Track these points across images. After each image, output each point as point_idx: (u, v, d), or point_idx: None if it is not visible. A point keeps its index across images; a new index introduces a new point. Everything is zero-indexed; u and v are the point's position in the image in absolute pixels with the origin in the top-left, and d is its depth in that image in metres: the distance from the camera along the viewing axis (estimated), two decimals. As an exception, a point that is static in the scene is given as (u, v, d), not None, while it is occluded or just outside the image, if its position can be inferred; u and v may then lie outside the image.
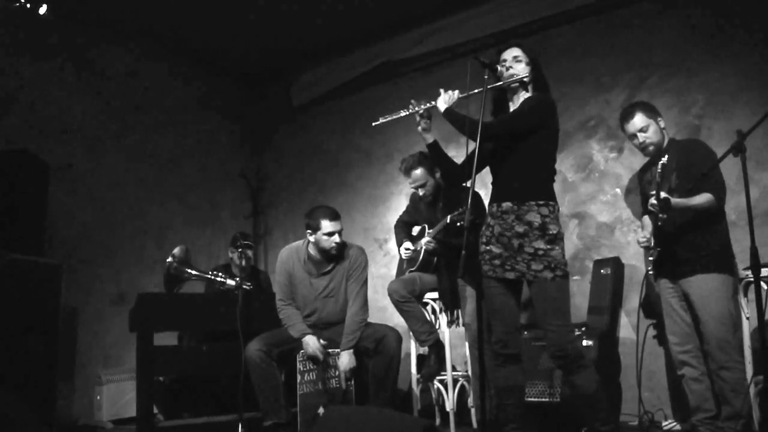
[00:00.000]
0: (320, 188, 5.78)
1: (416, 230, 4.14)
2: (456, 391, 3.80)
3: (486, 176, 2.88)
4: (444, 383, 3.82)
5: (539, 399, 3.61)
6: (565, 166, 4.43)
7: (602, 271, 4.00)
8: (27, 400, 3.39)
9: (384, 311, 4.55)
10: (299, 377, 3.51)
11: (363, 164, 5.60)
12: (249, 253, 4.67)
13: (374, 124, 2.92)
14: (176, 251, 4.06)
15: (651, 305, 3.50)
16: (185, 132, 5.67)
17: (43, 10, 4.27)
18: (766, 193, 3.70)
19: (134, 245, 5.16)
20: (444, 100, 2.70)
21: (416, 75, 5.29)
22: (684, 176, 3.03)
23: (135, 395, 3.86)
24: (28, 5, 4.21)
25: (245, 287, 3.89)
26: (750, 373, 3.02)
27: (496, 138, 2.71)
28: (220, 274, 4.33)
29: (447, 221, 3.66)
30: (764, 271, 2.87)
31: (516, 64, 2.73)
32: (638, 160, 3.56)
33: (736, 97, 3.84)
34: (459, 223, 3.51)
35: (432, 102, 2.73)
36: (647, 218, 3.30)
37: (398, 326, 3.85)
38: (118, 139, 5.16)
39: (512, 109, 2.77)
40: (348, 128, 5.67)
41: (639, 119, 3.22)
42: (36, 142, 4.46)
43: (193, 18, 5.02)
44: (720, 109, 3.90)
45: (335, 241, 3.63)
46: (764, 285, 2.91)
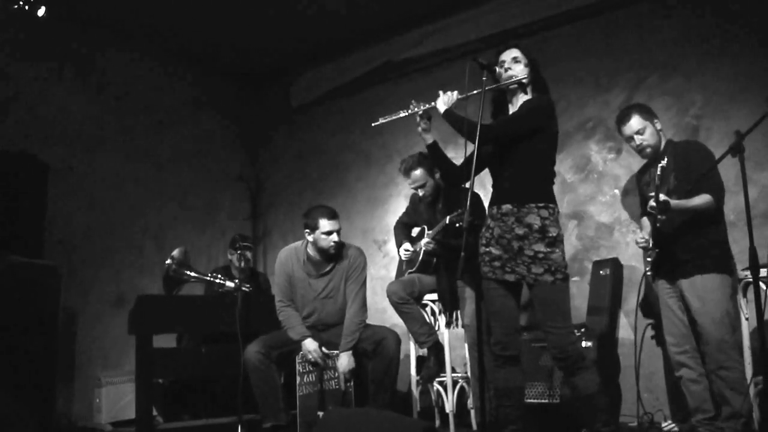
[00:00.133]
0: (319, 189, 5.77)
1: (416, 231, 4.13)
2: (455, 393, 3.80)
3: (486, 178, 2.88)
4: (443, 385, 3.82)
5: (539, 400, 3.61)
6: (564, 167, 4.42)
7: (601, 272, 3.99)
8: (26, 402, 3.39)
9: (383, 313, 4.55)
10: (298, 379, 3.51)
11: (362, 165, 5.60)
12: (248, 255, 4.67)
13: (374, 125, 2.92)
14: (175, 253, 4.06)
15: (650, 306, 3.50)
16: (184, 133, 5.67)
17: (42, 12, 4.29)
18: (765, 194, 3.70)
19: (133, 247, 5.16)
20: (443, 102, 2.70)
21: (416, 76, 5.28)
22: (682, 178, 3.03)
23: (134, 397, 3.86)
24: (27, 7, 4.22)
25: (244, 289, 3.89)
26: (750, 374, 3.02)
27: (496, 140, 2.71)
28: (219, 276, 4.33)
29: (446, 222, 3.66)
30: (763, 272, 2.87)
31: (514, 65, 2.72)
32: (636, 161, 3.57)
33: (735, 98, 3.84)
34: (458, 224, 3.50)
35: (431, 103, 2.73)
36: (646, 219, 3.30)
37: (397, 327, 3.86)
38: (118, 141, 5.16)
39: (512, 111, 2.76)
40: (347, 129, 5.66)
41: (635, 121, 3.21)
42: (35, 144, 4.47)
43: (192, 19, 5.02)
44: (718, 110, 3.90)
45: (333, 240, 3.63)
46: (763, 285, 2.92)
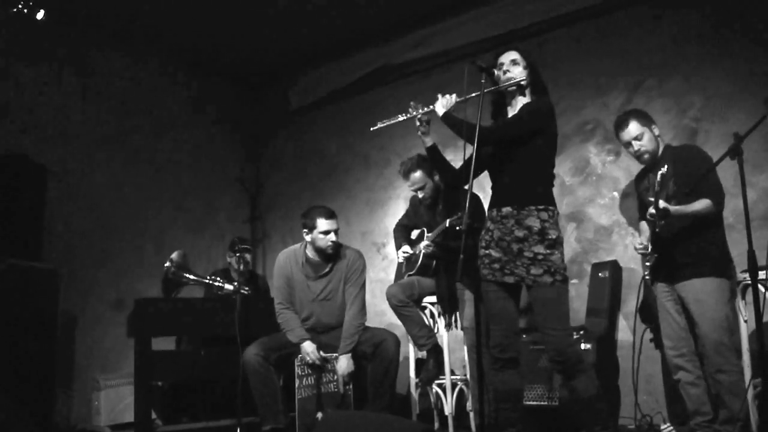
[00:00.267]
0: (318, 192, 5.76)
1: (415, 233, 4.13)
2: (454, 395, 3.80)
3: (485, 180, 2.88)
4: (442, 387, 3.82)
5: (538, 402, 3.61)
6: (563, 169, 4.43)
7: (600, 275, 3.99)
8: (25, 405, 3.39)
9: (382, 315, 4.55)
10: (297, 382, 3.50)
11: (361, 168, 5.60)
12: (247, 258, 4.67)
13: (372, 129, 2.91)
14: (174, 256, 4.06)
15: (648, 308, 3.50)
16: (183, 136, 5.67)
17: (41, 15, 4.29)
18: (764, 196, 3.70)
19: (132, 250, 5.15)
20: (442, 104, 2.70)
21: (414, 78, 5.28)
22: (681, 183, 3.03)
23: (133, 400, 3.85)
24: (26, 10, 4.22)
25: (243, 292, 3.89)
26: (748, 377, 3.02)
27: (496, 143, 2.71)
28: (219, 279, 4.33)
29: (446, 225, 3.66)
30: (762, 274, 2.86)
31: (513, 68, 2.72)
32: (635, 164, 3.57)
33: (733, 100, 3.85)
34: (458, 227, 3.50)
35: (430, 106, 2.73)
36: (644, 224, 3.30)
37: (396, 330, 3.86)
38: (116, 144, 5.16)
39: (510, 113, 2.76)
40: (346, 132, 5.67)
41: (633, 127, 3.21)
42: (34, 147, 4.46)
43: (191, 22, 5.03)
44: (717, 112, 3.90)
45: (331, 240, 3.63)
46: (762, 288, 2.92)
